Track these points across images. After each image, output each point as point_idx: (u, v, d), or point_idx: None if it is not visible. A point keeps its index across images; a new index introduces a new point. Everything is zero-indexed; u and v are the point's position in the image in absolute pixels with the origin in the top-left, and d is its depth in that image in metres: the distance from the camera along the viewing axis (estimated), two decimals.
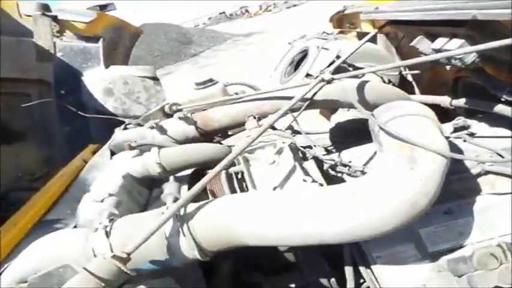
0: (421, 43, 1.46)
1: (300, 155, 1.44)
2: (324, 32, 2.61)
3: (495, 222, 1.15)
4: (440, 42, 1.32)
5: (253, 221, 0.96)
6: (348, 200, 0.92)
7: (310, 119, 2.18)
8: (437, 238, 1.16)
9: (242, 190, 1.28)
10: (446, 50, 1.27)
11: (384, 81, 2.14)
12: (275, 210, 0.96)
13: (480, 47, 1.06)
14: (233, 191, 1.27)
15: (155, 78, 2.80)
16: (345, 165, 1.42)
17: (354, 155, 1.62)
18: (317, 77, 1.43)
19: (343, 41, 2.32)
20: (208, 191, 1.28)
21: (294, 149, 1.36)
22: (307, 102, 1.59)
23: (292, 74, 2.38)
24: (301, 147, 1.52)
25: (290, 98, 1.64)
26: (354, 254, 1.25)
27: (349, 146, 1.71)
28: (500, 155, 1.39)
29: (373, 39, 2.38)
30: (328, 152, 1.82)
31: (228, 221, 0.98)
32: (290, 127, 2.12)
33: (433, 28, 1.38)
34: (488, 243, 1.12)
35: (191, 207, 1.04)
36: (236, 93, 2.28)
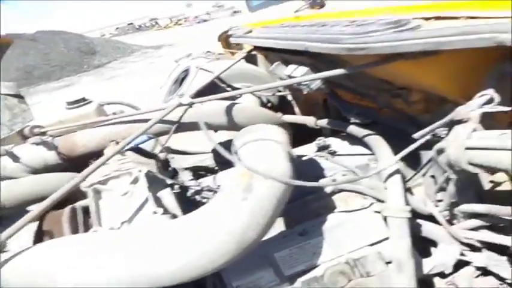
0: (278, 68, 1.53)
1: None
2: (208, 52, 2.60)
3: (344, 239, 1.20)
4: (290, 68, 1.38)
5: (76, 268, 0.83)
6: (179, 236, 0.86)
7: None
8: (293, 260, 1.17)
9: (87, 228, 1.14)
10: (294, 77, 1.33)
11: (263, 102, 2.19)
12: (104, 252, 0.85)
13: (317, 75, 1.13)
14: (75, 230, 1.12)
15: (19, 96, 2.44)
16: (210, 191, 1.37)
17: (227, 177, 1.59)
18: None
19: (223, 62, 2.33)
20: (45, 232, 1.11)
21: (151, 177, 1.26)
22: (174, 126, 1.52)
23: (175, 93, 2.31)
24: (168, 172, 1.44)
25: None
26: (217, 284, 1.20)
27: (230, 167, 1.68)
28: (354, 172, 1.49)
29: (254, 60, 2.45)
30: (200, 176, 1.76)
31: (48, 269, 0.84)
32: (168, 149, 2.02)
33: (286, 55, 1.44)
34: (338, 260, 1.17)
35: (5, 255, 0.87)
36: (114, 113, 2.11)
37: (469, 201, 1.13)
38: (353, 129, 1.53)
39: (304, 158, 1.61)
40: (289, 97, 2.35)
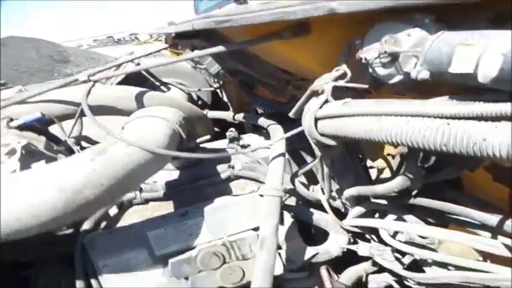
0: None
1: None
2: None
3: (226, 222, 1.16)
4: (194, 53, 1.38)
5: None
6: (10, 186, 0.79)
7: None
8: (167, 241, 1.11)
9: None
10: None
11: (193, 99, 2.18)
12: None
13: (199, 53, 1.14)
14: None
15: None
16: None
17: None
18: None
19: (159, 58, 2.33)
20: None
21: (30, 150, 1.20)
22: (80, 108, 1.46)
23: None
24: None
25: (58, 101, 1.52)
26: (86, 263, 1.12)
27: None
28: (259, 162, 1.47)
29: None
30: None
31: None
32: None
33: (195, 41, 1.44)
34: (215, 243, 1.13)
35: None
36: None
37: (350, 186, 1.13)
38: (261, 120, 1.53)
39: (211, 147, 1.58)
40: (225, 97, 2.34)
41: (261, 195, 1.04)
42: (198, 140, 1.35)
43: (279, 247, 1.16)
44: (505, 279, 0.62)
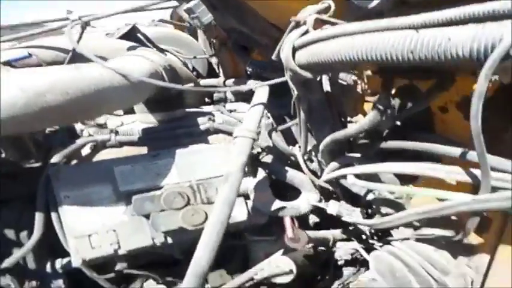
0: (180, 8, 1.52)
1: None
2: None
3: (197, 167, 1.13)
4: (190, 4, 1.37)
5: None
6: None
7: None
8: (133, 178, 1.08)
9: None
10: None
11: (188, 68, 2.16)
12: None
13: None
14: None
15: None
16: None
17: None
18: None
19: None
20: None
21: None
22: (70, 52, 1.45)
23: None
24: None
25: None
26: (49, 195, 1.09)
27: None
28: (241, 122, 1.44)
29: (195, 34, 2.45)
30: None
31: None
32: None
33: None
34: (182, 185, 1.09)
35: None
36: None
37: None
38: (250, 82, 1.51)
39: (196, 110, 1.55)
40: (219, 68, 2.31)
41: (235, 137, 1.01)
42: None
43: (247, 196, 1.13)
44: (463, 202, 0.59)
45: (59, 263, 1.15)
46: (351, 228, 1.25)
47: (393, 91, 0.81)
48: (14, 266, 1.08)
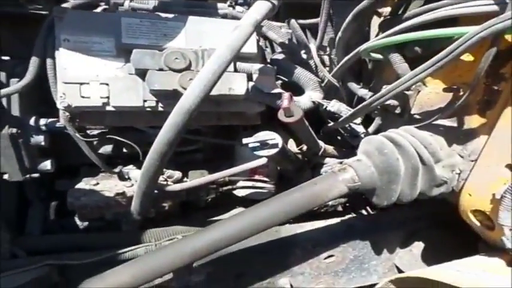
0: None
1: None
2: None
3: (206, 35, 1.10)
4: None
5: None
6: None
7: None
8: (139, 32, 1.04)
9: None
10: None
11: None
12: None
13: None
14: None
15: None
16: None
17: None
18: None
19: None
20: None
21: None
22: None
23: None
24: None
25: None
26: (48, 38, 1.05)
27: None
28: None
29: None
30: None
31: None
32: None
33: None
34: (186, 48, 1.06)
35: None
36: None
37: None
38: None
39: None
40: None
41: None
42: None
43: (250, 77, 1.10)
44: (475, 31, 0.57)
45: (43, 120, 1.13)
46: None
47: None
48: None
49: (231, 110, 1.14)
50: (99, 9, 1.16)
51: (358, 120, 1.14)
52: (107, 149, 1.26)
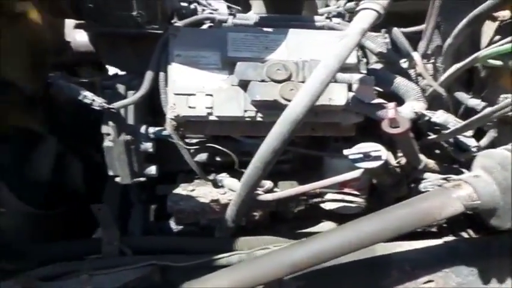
0: None
1: None
2: None
3: (306, 48, 1.12)
4: None
5: None
6: None
7: None
8: (243, 45, 1.10)
9: None
10: None
11: None
12: None
13: None
14: None
15: None
16: None
17: None
18: None
19: None
20: None
21: None
22: None
23: None
24: None
25: None
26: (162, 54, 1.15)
27: None
28: None
29: None
30: None
31: None
32: None
33: None
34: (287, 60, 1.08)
35: None
36: None
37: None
38: None
39: None
40: None
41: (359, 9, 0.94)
42: None
43: (350, 87, 1.08)
44: None
45: (152, 128, 1.22)
46: None
47: None
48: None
49: (328, 121, 1.13)
50: (204, 26, 1.25)
51: (470, 132, 1.05)
52: (202, 157, 1.32)
